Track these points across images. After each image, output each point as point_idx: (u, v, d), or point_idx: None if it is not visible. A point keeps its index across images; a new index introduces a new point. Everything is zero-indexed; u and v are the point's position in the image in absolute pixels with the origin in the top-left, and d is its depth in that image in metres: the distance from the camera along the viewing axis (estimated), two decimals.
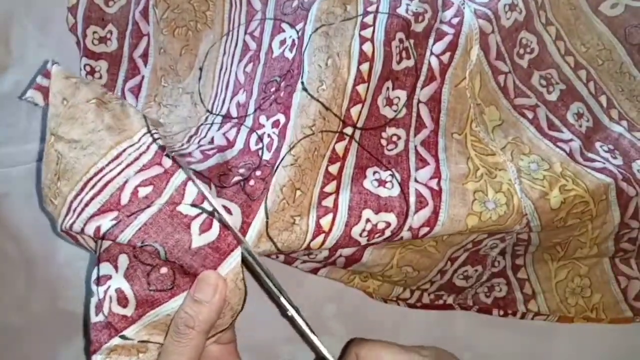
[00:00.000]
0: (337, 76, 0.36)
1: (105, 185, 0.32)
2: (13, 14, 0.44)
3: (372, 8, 0.39)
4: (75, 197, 0.32)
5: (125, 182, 0.32)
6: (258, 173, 0.35)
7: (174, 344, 0.30)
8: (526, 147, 0.41)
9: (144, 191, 0.32)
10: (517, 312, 0.44)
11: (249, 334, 0.43)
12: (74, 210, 0.32)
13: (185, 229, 0.31)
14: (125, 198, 0.32)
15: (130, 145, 0.33)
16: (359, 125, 0.37)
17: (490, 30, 0.40)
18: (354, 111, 0.36)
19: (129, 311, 0.31)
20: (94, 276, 0.32)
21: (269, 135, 0.36)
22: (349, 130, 0.37)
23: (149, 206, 0.31)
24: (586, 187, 0.38)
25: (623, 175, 0.40)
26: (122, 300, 0.31)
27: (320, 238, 0.34)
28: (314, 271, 0.42)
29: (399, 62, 0.38)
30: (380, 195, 0.36)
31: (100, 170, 0.32)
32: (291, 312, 0.33)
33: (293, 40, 0.40)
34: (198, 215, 0.31)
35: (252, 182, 0.34)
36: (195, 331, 0.30)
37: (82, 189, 0.32)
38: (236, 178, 0.35)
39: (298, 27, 0.40)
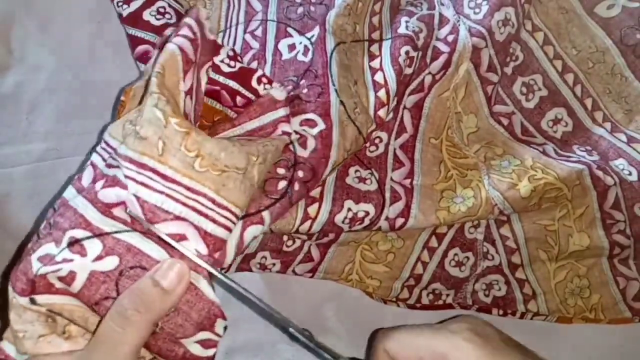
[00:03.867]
0: (363, 103, 0.38)
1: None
2: (13, 14, 0.44)
3: (376, 35, 0.41)
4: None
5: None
6: (300, 174, 0.34)
7: (116, 331, 0.25)
8: (500, 149, 0.43)
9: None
10: (517, 311, 0.44)
11: (249, 334, 0.43)
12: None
13: (195, 296, 0.28)
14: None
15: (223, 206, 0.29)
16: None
17: (483, 45, 0.41)
18: (374, 133, 0.40)
19: (59, 285, 0.27)
20: (73, 233, 0.27)
21: (296, 132, 0.35)
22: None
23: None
24: (557, 175, 0.40)
25: (598, 165, 0.42)
26: (66, 280, 0.27)
27: (308, 224, 0.37)
28: (312, 272, 0.43)
29: (405, 69, 0.40)
30: (360, 189, 0.40)
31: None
32: (302, 339, 0.30)
33: (305, 47, 0.41)
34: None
35: (296, 187, 0.34)
36: (145, 319, 0.26)
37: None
38: (281, 184, 0.33)
39: (309, 34, 0.41)
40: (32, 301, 0.27)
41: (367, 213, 0.39)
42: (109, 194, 0.28)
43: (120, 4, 0.40)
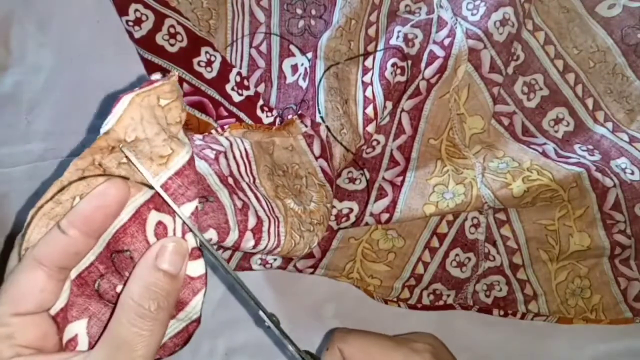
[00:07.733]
0: (352, 122, 0.40)
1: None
2: (13, 14, 0.44)
3: (371, 47, 0.43)
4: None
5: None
6: None
7: (143, 335, 0.22)
8: (500, 152, 0.44)
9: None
10: (517, 312, 0.44)
11: (249, 334, 0.43)
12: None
13: None
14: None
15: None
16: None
17: (481, 47, 0.42)
18: (372, 136, 0.42)
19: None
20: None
21: None
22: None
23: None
24: (552, 177, 0.40)
25: (597, 167, 0.42)
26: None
27: None
28: (313, 268, 0.43)
29: (394, 79, 0.41)
30: (347, 189, 0.42)
31: None
32: (268, 323, 0.28)
33: (305, 69, 0.42)
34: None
35: None
36: (165, 312, 0.22)
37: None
38: None
39: (308, 55, 0.43)
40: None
41: (351, 210, 0.41)
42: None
43: (130, 23, 0.40)
